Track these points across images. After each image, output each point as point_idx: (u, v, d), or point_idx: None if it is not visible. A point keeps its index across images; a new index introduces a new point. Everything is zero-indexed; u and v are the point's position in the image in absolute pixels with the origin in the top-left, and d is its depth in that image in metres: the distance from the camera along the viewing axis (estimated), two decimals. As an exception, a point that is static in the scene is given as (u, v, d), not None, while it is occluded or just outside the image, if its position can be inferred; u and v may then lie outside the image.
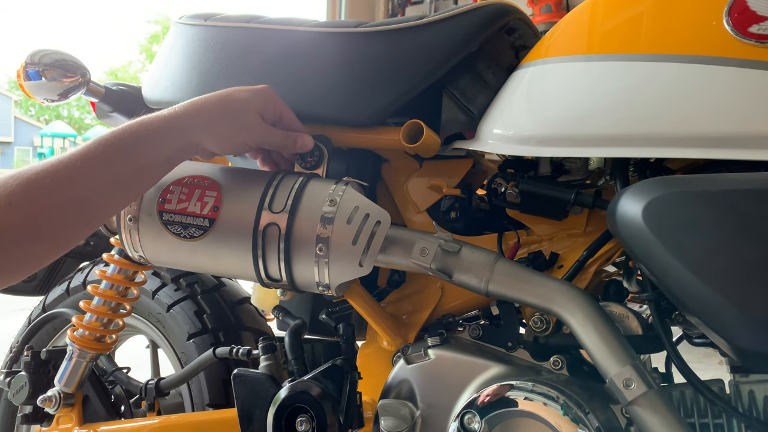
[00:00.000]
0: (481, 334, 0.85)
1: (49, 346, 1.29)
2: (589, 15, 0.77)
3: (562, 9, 3.51)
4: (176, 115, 0.74)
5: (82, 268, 1.36)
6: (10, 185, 0.64)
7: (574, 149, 0.73)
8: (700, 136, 0.64)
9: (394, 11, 4.31)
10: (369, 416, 0.88)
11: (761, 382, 0.75)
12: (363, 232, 0.75)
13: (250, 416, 0.83)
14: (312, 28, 0.91)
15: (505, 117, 0.81)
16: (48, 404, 1.10)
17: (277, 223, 0.76)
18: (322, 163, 0.83)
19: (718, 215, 0.59)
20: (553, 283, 0.75)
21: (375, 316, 0.88)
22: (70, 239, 0.69)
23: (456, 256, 0.77)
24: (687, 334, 0.90)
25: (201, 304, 1.22)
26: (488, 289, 0.76)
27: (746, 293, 0.58)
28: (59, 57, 0.98)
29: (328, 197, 0.76)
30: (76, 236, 0.70)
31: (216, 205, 0.78)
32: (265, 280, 0.80)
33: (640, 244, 0.62)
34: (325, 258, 0.75)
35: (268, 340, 0.93)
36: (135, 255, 0.84)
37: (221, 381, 1.17)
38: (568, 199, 0.82)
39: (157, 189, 0.80)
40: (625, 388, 0.68)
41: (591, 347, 0.71)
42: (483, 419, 0.73)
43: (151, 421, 1.09)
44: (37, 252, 0.67)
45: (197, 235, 0.78)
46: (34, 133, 27.30)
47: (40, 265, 0.69)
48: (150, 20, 35.59)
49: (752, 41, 0.63)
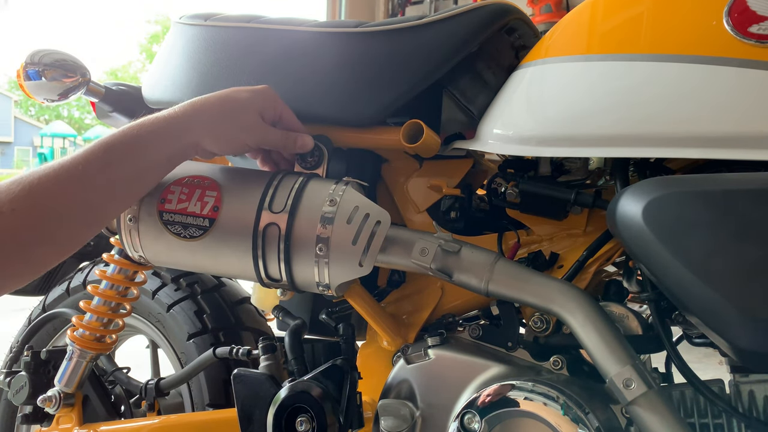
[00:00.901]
0: (481, 334, 0.85)
1: (49, 346, 1.29)
2: (589, 15, 0.77)
3: (562, 9, 3.51)
4: (176, 116, 0.74)
5: (82, 268, 1.36)
6: (12, 191, 0.64)
7: (574, 149, 0.73)
8: (700, 136, 0.64)
9: (394, 11, 4.31)
10: (369, 416, 0.88)
11: (761, 382, 0.75)
12: (363, 232, 0.75)
13: (250, 416, 0.83)
14: (312, 28, 0.91)
15: (505, 117, 0.81)
16: (48, 404, 1.10)
17: (277, 223, 0.76)
18: (322, 163, 0.83)
19: (718, 215, 0.59)
20: (553, 283, 0.75)
21: (375, 316, 0.88)
22: (74, 242, 0.69)
23: (456, 256, 0.77)
24: (687, 334, 0.90)
25: (201, 304, 1.22)
26: (488, 289, 0.76)
27: (746, 293, 0.58)
28: (59, 57, 0.98)
29: (328, 197, 0.76)
30: (80, 239, 0.70)
31: (216, 205, 0.78)
32: (265, 280, 0.80)
33: (640, 244, 0.62)
34: (325, 258, 0.75)
35: (268, 340, 0.93)
36: (135, 255, 0.84)
37: (221, 381, 1.17)
38: (568, 199, 0.82)
39: (157, 189, 0.80)
40: (625, 388, 0.68)
41: (591, 347, 0.71)
42: (483, 419, 0.73)
43: (151, 421, 1.09)
44: (41, 256, 0.67)
45: (197, 235, 0.78)
46: (34, 133, 27.32)
47: (44, 270, 0.69)
48: (150, 20, 35.61)
49: (752, 41, 0.63)
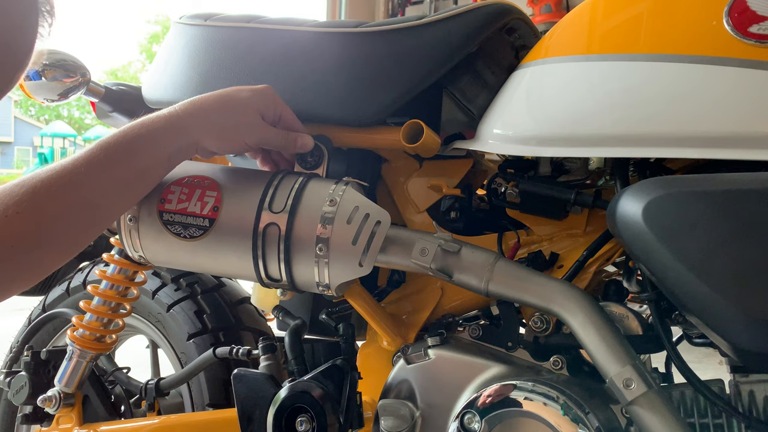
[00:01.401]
0: (481, 334, 0.85)
1: (49, 346, 1.29)
2: (589, 15, 0.77)
3: (562, 9, 3.51)
4: (176, 115, 0.74)
5: (82, 268, 1.36)
6: (16, 193, 0.64)
7: (574, 149, 0.73)
8: (700, 136, 0.64)
9: (394, 11, 4.31)
10: (369, 416, 0.88)
11: (761, 382, 0.75)
12: (363, 232, 0.75)
13: (250, 416, 0.83)
14: (312, 28, 0.90)
15: (505, 117, 0.81)
16: (48, 404, 1.10)
17: (277, 223, 0.76)
18: (322, 163, 0.83)
19: (718, 215, 0.59)
20: (553, 283, 0.75)
21: (375, 316, 0.88)
22: (78, 243, 0.70)
23: (456, 256, 0.77)
24: (687, 334, 0.90)
25: (201, 304, 1.22)
26: (488, 289, 0.76)
27: (746, 293, 0.58)
28: (59, 57, 0.98)
29: (328, 197, 0.76)
30: (83, 240, 0.70)
31: (216, 205, 0.78)
32: (265, 280, 0.80)
33: (640, 244, 0.62)
34: (325, 258, 0.75)
35: (268, 340, 0.93)
36: (135, 255, 0.84)
37: (221, 381, 1.17)
38: (568, 199, 0.82)
39: (157, 189, 0.80)
40: (625, 388, 0.68)
41: (591, 347, 0.71)
42: (483, 419, 0.73)
43: (151, 421, 1.09)
44: (46, 258, 0.67)
45: (197, 235, 0.78)
46: (34, 133, 27.29)
47: (49, 271, 0.69)
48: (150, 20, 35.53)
49: (752, 41, 0.63)
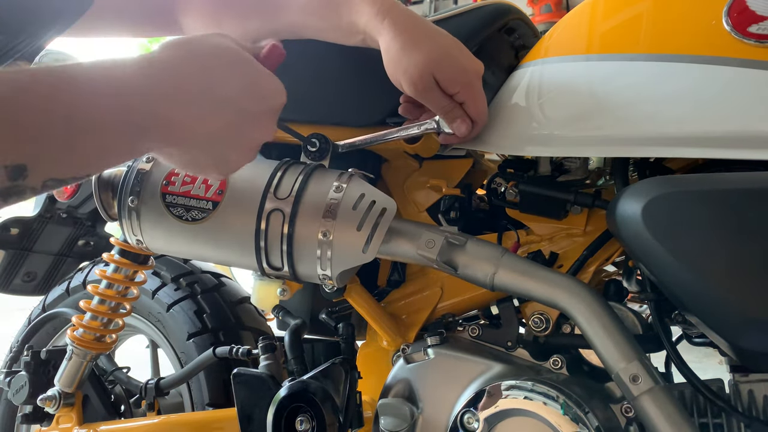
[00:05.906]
0: (481, 334, 0.85)
1: (49, 346, 1.28)
2: (589, 15, 0.77)
3: (562, 9, 3.51)
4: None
5: (82, 268, 1.36)
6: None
7: (574, 149, 0.73)
8: (700, 136, 0.64)
9: (394, 11, 4.30)
10: (369, 415, 0.88)
11: (761, 382, 0.75)
12: (368, 218, 0.74)
13: (250, 416, 0.83)
14: (312, 27, 0.90)
15: (504, 117, 0.81)
16: (48, 404, 1.09)
17: (282, 209, 0.75)
18: (327, 155, 0.83)
19: (718, 215, 0.59)
20: (559, 278, 0.74)
21: (375, 315, 0.88)
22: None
23: (462, 249, 0.76)
24: (687, 333, 0.90)
25: (201, 303, 1.22)
26: (494, 283, 0.75)
27: (746, 293, 0.58)
28: (59, 57, 0.98)
29: (335, 185, 0.76)
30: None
31: (221, 188, 0.78)
32: (266, 268, 0.78)
33: (639, 244, 0.62)
34: (328, 243, 0.74)
35: (268, 340, 0.93)
36: (133, 240, 0.83)
37: (221, 381, 1.17)
38: (568, 199, 0.82)
39: (161, 171, 0.79)
40: (631, 383, 0.67)
41: (597, 342, 0.70)
42: (483, 418, 0.74)
43: (151, 420, 1.09)
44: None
45: (200, 218, 0.77)
46: (34, 133, 27.26)
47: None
48: (150, 20, 35.52)
49: (752, 41, 0.63)
